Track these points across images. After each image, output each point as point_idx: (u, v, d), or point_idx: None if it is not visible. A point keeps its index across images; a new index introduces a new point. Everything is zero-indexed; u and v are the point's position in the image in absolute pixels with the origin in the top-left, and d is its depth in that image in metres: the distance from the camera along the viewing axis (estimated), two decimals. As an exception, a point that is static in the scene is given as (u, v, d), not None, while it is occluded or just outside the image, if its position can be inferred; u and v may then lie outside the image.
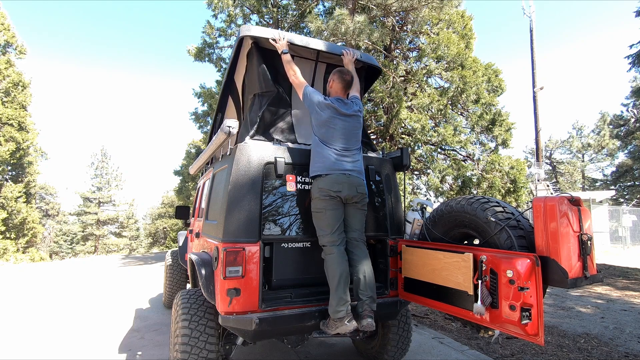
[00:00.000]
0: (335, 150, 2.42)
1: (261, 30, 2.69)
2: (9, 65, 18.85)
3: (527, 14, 11.84)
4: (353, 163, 2.47)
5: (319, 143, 2.46)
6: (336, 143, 2.43)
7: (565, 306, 5.44)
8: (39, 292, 6.95)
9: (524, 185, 10.79)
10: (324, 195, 2.33)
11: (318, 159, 2.42)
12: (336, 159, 2.40)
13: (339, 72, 2.62)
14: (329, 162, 2.38)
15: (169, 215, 34.14)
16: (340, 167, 2.38)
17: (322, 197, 2.33)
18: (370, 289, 2.33)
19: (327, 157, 2.39)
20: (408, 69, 11.02)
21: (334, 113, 2.46)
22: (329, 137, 2.44)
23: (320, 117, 2.46)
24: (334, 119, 2.46)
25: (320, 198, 2.34)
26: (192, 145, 18.96)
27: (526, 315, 1.74)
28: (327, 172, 2.35)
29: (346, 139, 2.47)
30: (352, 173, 2.43)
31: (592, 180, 33.06)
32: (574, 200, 1.90)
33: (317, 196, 2.36)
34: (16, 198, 19.71)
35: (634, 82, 24.94)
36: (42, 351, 3.72)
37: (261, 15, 11.21)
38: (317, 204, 2.37)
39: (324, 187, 2.33)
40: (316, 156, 2.45)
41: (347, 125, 2.49)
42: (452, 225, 2.48)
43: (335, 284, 2.26)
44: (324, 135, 2.45)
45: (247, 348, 3.55)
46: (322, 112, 2.45)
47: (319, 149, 2.44)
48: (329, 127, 2.44)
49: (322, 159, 2.40)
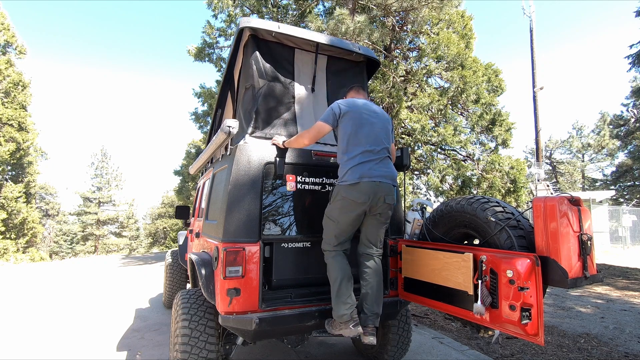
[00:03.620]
0: (362, 153, 2.20)
1: (261, 22, 2.69)
2: (9, 65, 18.85)
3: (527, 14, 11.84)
4: (384, 167, 2.24)
5: (346, 147, 2.26)
6: (363, 144, 2.22)
7: (565, 306, 5.43)
8: (39, 292, 6.95)
9: (524, 185, 10.79)
10: (346, 205, 2.14)
11: (345, 164, 2.23)
12: (364, 163, 2.18)
13: (348, 88, 2.60)
14: (358, 168, 2.16)
15: (169, 215, 34.15)
16: (370, 173, 2.16)
17: (342, 207, 2.15)
18: (377, 305, 2.25)
19: (357, 162, 2.18)
20: (408, 69, 11.01)
21: (357, 108, 2.30)
22: (358, 137, 2.24)
23: (345, 117, 2.28)
24: (359, 114, 2.28)
25: (340, 207, 2.16)
26: (192, 145, 18.95)
27: (526, 315, 1.74)
28: (356, 180, 2.14)
29: (374, 138, 2.26)
30: (383, 179, 2.20)
31: (592, 180, 33.05)
32: (574, 200, 1.90)
33: (338, 204, 2.18)
34: (16, 198, 19.71)
35: (634, 82, 24.93)
36: (42, 351, 3.72)
37: (261, 15, 11.22)
38: (333, 211, 2.21)
39: (347, 196, 2.13)
40: (344, 162, 2.25)
41: (372, 121, 2.30)
42: (452, 225, 2.48)
43: (336, 288, 2.19)
44: (352, 136, 2.24)
45: (247, 348, 3.55)
46: (346, 113, 2.28)
47: (347, 155, 2.24)
48: (356, 127, 2.24)
49: (351, 165, 2.19)
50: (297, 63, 2.92)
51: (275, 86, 2.76)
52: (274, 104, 2.74)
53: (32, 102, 20.49)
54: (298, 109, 2.84)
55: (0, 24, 18.65)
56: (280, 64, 2.81)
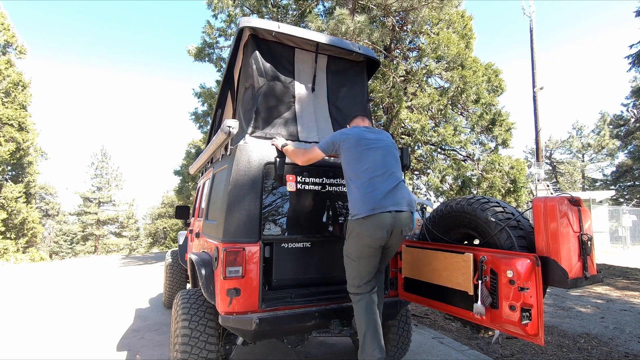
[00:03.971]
0: (373, 180, 2.03)
1: (261, 22, 2.70)
2: (9, 65, 18.85)
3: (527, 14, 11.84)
4: (398, 192, 2.05)
5: (352, 177, 2.10)
6: (370, 171, 2.05)
7: (565, 306, 5.43)
8: (39, 292, 6.94)
9: (524, 185, 10.80)
10: (363, 242, 1.98)
11: (355, 196, 2.05)
12: (374, 191, 1.99)
13: (352, 117, 2.54)
14: (369, 198, 1.98)
15: (169, 215, 34.15)
16: (384, 203, 1.97)
17: (359, 245, 2.00)
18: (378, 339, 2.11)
19: (366, 192, 2.01)
20: (408, 69, 11.02)
21: (359, 135, 2.18)
22: (363, 165, 2.07)
23: (347, 143, 2.16)
24: (362, 141, 2.15)
25: (357, 245, 2.01)
26: (192, 145, 18.95)
27: (526, 316, 1.74)
28: (369, 212, 1.96)
29: (383, 162, 2.09)
30: (399, 207, 2.01)
31: (592, 180, 33.05)
32: (574, 201, 1.90)
33: (354, 242, 2.03)
34: (16, 198, 19.71)
35: (634, 82, 24.93)
36: (42, 351, 3.72)
37: (261, 15, 11.23)
38: (351, 249, 2.05)
39: (364, 232, 1.96)
40: (353, 192, 2.08)
41: (379, 145, 2.16)
42: (452, 226, 2.48)
43: (362, 333, 2.06)
44: (357, 163, 2.08)
45: (247, 348, 3.55)
46: (347, 138, 2.17)
47: (354, 183, 2.08)
48: (361, 150, 2.10)
49: (361, 195, 2.01)
50: (298, 63, 2.92)
51: (276, 86, 2.76)
52: (274, 104, 2.73)
53: (32, 102, 20.51)
54: (298, 109, 2.84)
55: (0, 24, 18.65)
56: (281, 64, 2.81)
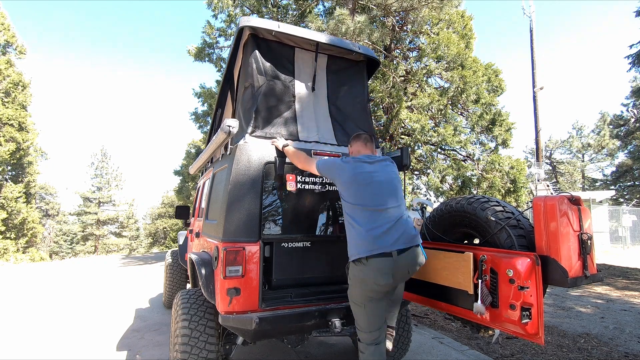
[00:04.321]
0: (371, 219, 1.87)
1: (261, 21, 2.69)
2: (9, 65, 18.86)
3: (527, 14, 11.85)
4: (400, 227, 1.88)
5: (349, 213, 1.94)
6: (370, 208, 1.88)
7: (565, 306, 5.43)
8: (39, 292, 6.94)
9: (524, 185, 10.80)
10: (367, 289, 1.84)
11: (353, 235, 1.90)
12: (374, 231, 1.83)
13: (355, 136, 2.30)
14: (367, 237, 1.83)
15: (169, 215, 34.16)
16: (383, 242, 1.81)
17: (363, 290, 1.85)
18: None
19: (363, 232, 1.85)
20: (408, 69, 11.02)
21: (355, 170, 2.00)
22: (361, 200, 1.91)
23: (343, 177, 1.99)
24: (359, 176, 1.97)
25: (362, 290, 1.86)
26: (192, 145, 18.97)
27: (526, 315, 1.74)
28: (367, 253, 1.80)
29: (381, 198, 1.91)
30: (402, 245, 1.85)
31: (592, 180, 33.05)
32: (573, 200, 1.90)
33: (357, 289, 1.88)
34: (16, 198, 19.72)
35: (634, 82, 24.93)
36: (42, 351, 3.72)
37: (261, 15, 11.23)
38: (355, 295, 1.89)
39: (366, 278, 1.81)
40: (350, 231, 1.93)
41: (378, 178, 1.97)
42: (452, 225, 2.48)
43: None
44: (354, 199, 1.93)
45: (247, 348, 3.55)
46: (344, 171, 1.99)
47: (352, 220, 1.92)
48: (357, 185, 1.93)
49: (359, 234, 1.86)
50: (298, 62, 2.92)
51: (275, 85, 2.76)
52: (274, 103, 2.73)
53: (32, 102, 20.53)
54: (298, 108, 2.84)
55: (0, 24, 18.66)
56: (281, 63, 2.81)
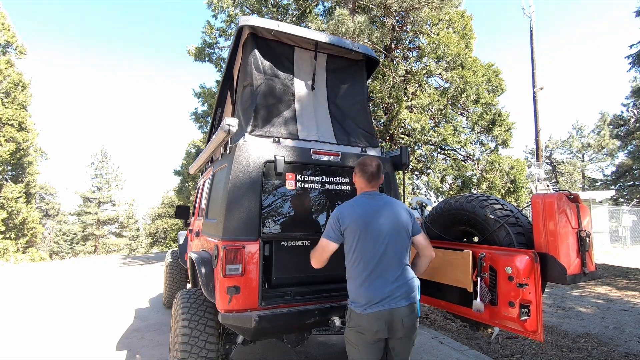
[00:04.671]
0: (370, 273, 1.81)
1: (260, 21, 2.70)
2: (9, 65, 18.89)
3: (527, 14, 11.85)
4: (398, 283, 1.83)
5: (348, 261, 1.90)
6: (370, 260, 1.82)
7: (565, 306, 5.43)
8: (39, 292, 6.95)
9: (524, 185, 10.81)
10: (361, 333, 1.82)
11: (351, 284, 1.88)
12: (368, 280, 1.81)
13: (360, 164, 2.02)
14: (362, 288, 1.81)
15: (169, 215, 34.17)
16: (376, 296, 1.79)
17: (358, 335, 1.83)
18: None
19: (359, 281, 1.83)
20: (408, 69, 11.03)
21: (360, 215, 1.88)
22: (359, 254, 1.84)
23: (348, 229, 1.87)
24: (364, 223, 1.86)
25: (356, 335, 1.83)
26: (192, 145, 18.99)
27: (525, 312, 1.74)
28: (363, 306, 1.79)
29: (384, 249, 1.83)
30: (398, 303, 1.81)
31: (592, 180, 33.05)
32: (572, 198, 1.91)
33: (353, 332, 1.85)
34: (16, 198, 19.73)
35: (634, 82, 24.94)
36: (42, 351, 3.72)
37: (261, 15, 11.24)
38: (351, 337, 1.87)
39: (362, 324, 1.80)
40: (349, 279, 1.90)
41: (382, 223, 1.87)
42: (451, 223, 2.48)
43: None
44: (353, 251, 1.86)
45: (247, 348, 3.55)
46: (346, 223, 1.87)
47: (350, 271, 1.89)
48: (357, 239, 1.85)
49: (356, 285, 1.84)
50: (297, 61, 2.92)
51: (275, 84, 2.76)
52: (273, 102, 2.73)
53: (32, 102, 20.55)
54: (298, 107, 2.84)
55: (1, 24, 18.68)
56: (280, 62, 2.81)
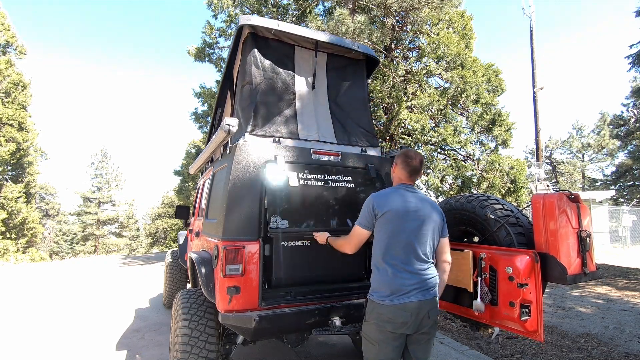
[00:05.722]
0: (400, 261, 1.78)
1: (260, 20, 2.70)
2: (9, 65, 18.87)
3: (527, 14, 11.83)
4: (424, 276, 1.79)
5: (377, 250, 1.86)
6: (401, 249, 1.79)
7: (565, 306, 5.43)
8: (39, 292, 6.95)
9: (524, 185, 10.80)
10: (384, 326, 1.75)
11: (377, 274, 1.84)
12: (400, 276, 1.76)
13: (404, 156, 1.98)
14: (391, 283, 1.77)
15: (169, 215, 34.16)
16: (406, 288, 1.75)
17: (379, 328, 1.76)
18: None
19: (389, 275, 1.78)
20: (408, 69, 11.02)
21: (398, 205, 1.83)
22: (394, 239, 1.80)
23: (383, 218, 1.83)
24: (400, 214, 1.81)
25: (377, 329, 1.76)
26: (192, 145, 18.97)
27: (525, 312, 1.74)
28: (387, 295, 1.75)
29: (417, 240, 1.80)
30: (425, 295, 1.78)
31: (592, 180, 33.04)
32: (572, 197, 1.91)
33: (374, 326, 1.78)
34: (16, 198, 19.72)
35: (634, 82, 24.93)
36: (42, 351, 3.72)
37: (261, 15, 11.24)
38: (370, 332, 1.80)
39: (385, 315, 1.75)
40: (374, 269, 1.87)
41: (418, 217, 1.82)
42: (451, 223, 2.48)
43: None
44: (388, 238, 1.81)
45: (247, 348, 3.55)
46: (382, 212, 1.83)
47: (376, 258, 1.85)
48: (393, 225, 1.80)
49: (382, 277, 1.80)
50: (298, 60, 2.92)
51: (275, 83, 2.76)
52: (273, 100, 2.73)
53: (32, 102, 20.54)
54: (299, 106, 2.84)
55: (1, 24, 18.67)
56: (281, 61, 2.81)
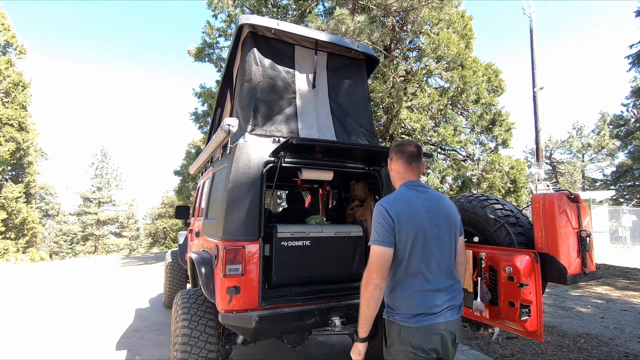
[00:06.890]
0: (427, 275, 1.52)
1: (260, 19, 2.71)
2: (9, 65, 18.86)
3: (527, 14, 11.83)
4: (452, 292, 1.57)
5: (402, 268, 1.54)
6: (429, 261, 1.53)
7: (565, 306, 5.43)
8: (39, 292, 6.95)
9: (524, 185, 10.80)
10: (410, 351, 1.50)
11: (398, 294, 1.55)
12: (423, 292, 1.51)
13: (396, 146, 1.72)
14: (417, 302, 1.51)
15: (169, 215, 34.15)
16: (434, 309, 1.50)
17: (405, 350, 1.51)
18: None
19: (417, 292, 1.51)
20: (408, 69, 11.02)
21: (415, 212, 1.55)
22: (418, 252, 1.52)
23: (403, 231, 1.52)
24: (420, 223, 1.54)
25: (404, 355, 1.51)
26: (192, 145, 18.96)
27: (525, 312, 1.74)
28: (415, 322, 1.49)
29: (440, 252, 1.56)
30: (454, 314, 1.55)
31: (592, 180, 33.04)
32: (572, 197, 1.91)
33: (400, 350, 1.53)
34: (16, 198, 19.71)
35: (634, 82, 24.92)
36: (42, 351, 3.72)
37: (261, 15, 11.24)
38: (396, 353, 1.55)
39: (411, 339, 1.49)
40: (396, 288, 1.56)
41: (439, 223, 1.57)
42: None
43: None
44: (410, 252, 1.52)
45: (247, 348, 3.55)
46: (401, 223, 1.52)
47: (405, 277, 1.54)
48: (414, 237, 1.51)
49: (409, 294, 1.52)
50: (298, 59, 2.93)
51: (275, 81, 2.76)
52: (274, 99, 2.73)
53: (32, 102, 20.53)
54: (299, 105, 2.84)
55: (1, 24, 18.67)
56: (281, 60, 2.82)
